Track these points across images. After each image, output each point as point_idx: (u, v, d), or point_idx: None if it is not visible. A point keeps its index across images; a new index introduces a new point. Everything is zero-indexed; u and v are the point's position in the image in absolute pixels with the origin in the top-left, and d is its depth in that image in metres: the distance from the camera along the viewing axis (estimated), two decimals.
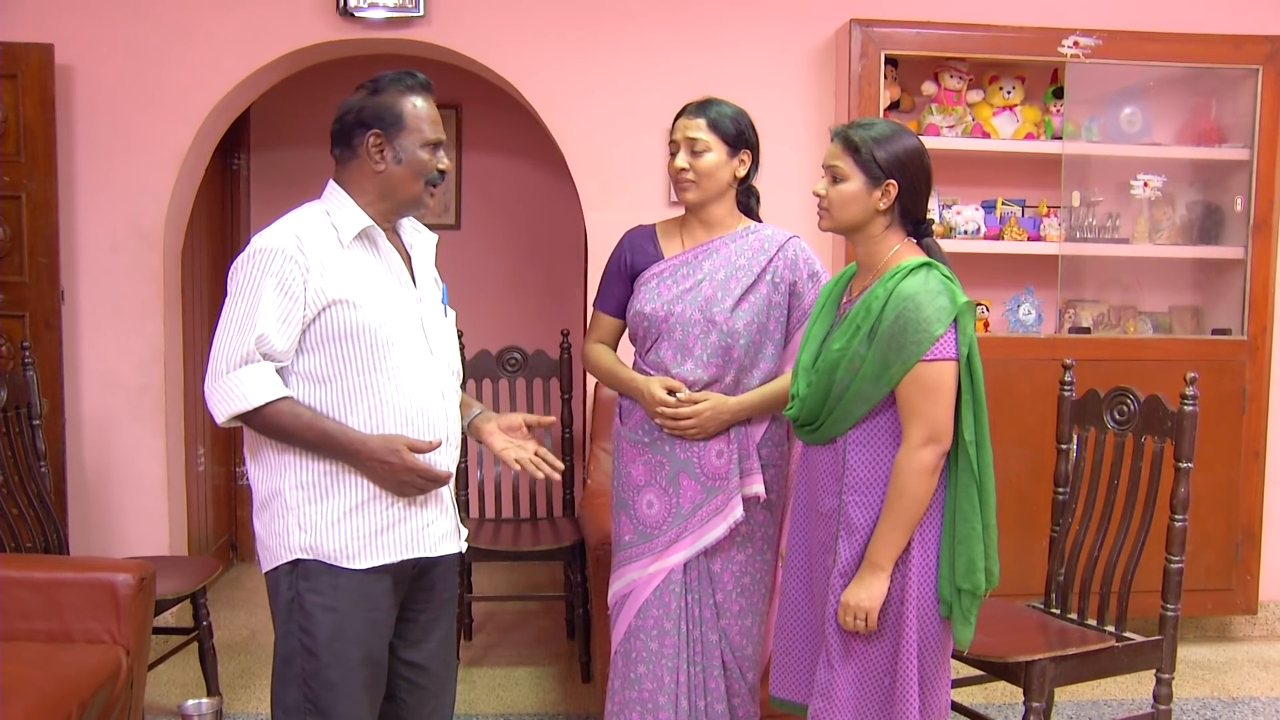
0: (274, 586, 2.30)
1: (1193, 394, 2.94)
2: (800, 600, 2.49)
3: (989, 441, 2.31)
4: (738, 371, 2.69)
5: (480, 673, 4.11)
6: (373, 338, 2.25)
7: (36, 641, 2.81)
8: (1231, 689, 4.06)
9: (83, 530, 4.21)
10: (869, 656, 2.33)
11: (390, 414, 2.28)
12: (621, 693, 2.75)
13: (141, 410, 4.27)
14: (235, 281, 2.22)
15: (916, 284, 2.24)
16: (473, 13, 4.26)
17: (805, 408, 2.39)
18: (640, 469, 2.75)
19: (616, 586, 2.79)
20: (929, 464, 2.24)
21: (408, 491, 2.27)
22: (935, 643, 2.32)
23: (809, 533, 2.46)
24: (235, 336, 2.19)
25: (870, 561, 2.27)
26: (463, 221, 5.67)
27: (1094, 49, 4.17)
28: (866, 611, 2.26)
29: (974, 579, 2.27)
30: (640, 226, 2.88)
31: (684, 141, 2.71)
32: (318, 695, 2.26)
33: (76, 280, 4.21)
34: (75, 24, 4.15)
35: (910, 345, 2.22)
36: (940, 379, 2.23)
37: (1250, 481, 4.35)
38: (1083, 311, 4.48)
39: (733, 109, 2.75)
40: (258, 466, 2.30)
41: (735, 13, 4.35)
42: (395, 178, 2.30)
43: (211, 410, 2.21)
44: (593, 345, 2.90)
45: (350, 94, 2.33)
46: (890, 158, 2.29)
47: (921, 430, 2.23)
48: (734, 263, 2.71)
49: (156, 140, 4.21)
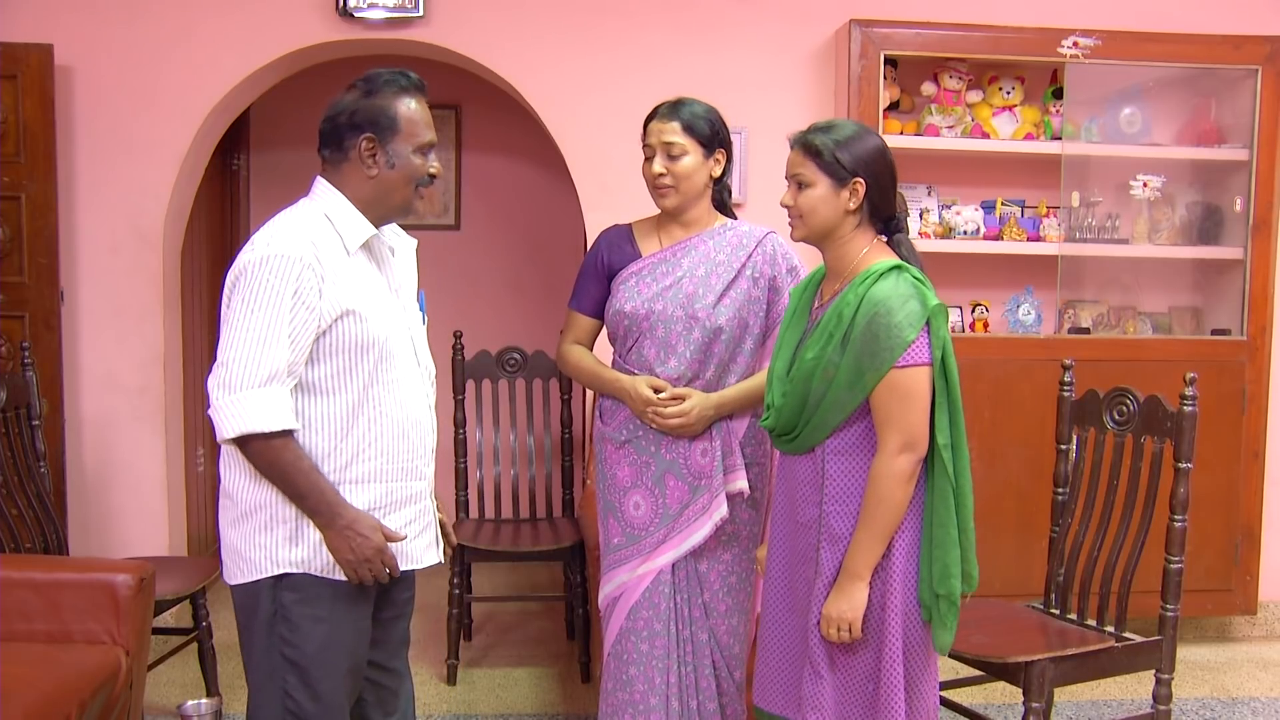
0: (250, 599, 2.23)
1: (1192, 394, 2.94)
2: (781, 611, 2.46)
3: (965, 445, 2.29)
4: (718, 367, 2.69)
5: (480, 673, 4.11)
6: (380, 350, 2.22)
7: (36, 642, 2.80)
8: (1231, 689, 4.06)
9: (82, 531, 4.21)
10: (853, 664, 2.31)
11: (389, 427, 2.25)
12: (614, 694, 2.75)
13: (141, 411, 4.27)
14: (251, 288, 2.11)
15: (887, 289, 2.22)
16: (472, 13, 4.26)
17: (781, 417, 2.36)
18: (626, 470, 2.75)
19: (606, 590, 2.79)
20: (905, 471, 2.21)
21: (361, 571, 2.18)
22: (920, 647, 2.30)
23: (789, 542, 2.43)
24: (260, 350, 2.08)
25: (849, 571, 2.25)
26: (462, 222, 5.67)
27: (1093, 49, 4.17)
28: (850, 622, 2.24)
29: (949, 584, 2.25)
30: (616, 226, 2.87)
31: (660, 146, 2.69)
32: (302, 708, 2.21)
33: (76, 281, 4.21)
34: (75, 25, 4.15)
35: (883, 352, 2.20)
36: (914, 385, 2.21)
37: (1250, 482, 4.35)
38: (1082, 312, 4.48)
39: (704, 108, 2.73)
40: (242, 474, 2.21)
41: (735, 13, 4.35)
42: (387, 182, 2.25)
43: (219, 423, 2.10)
44: (570, 346, 2.87)
45: (343, 93, 2.27)
46: (853, 156, 2.27)
47: (897, 437, 2.21)
48: (713, 259, 2.71)
49: (156, 140, 4.21)
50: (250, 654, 2.27)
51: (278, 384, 2.10)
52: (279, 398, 2.10)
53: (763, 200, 4.16)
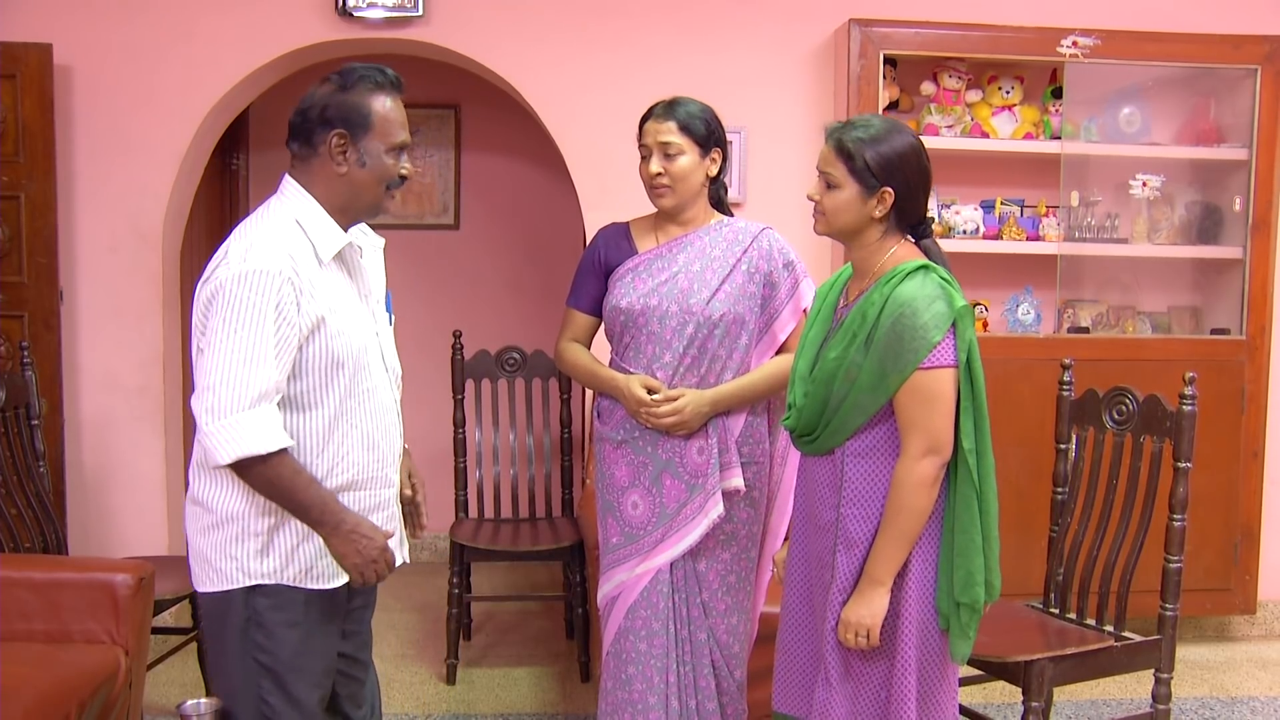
0: (221, 607, 2.19)
1: (1191, 394, 2.94)
2: (800, 613, 2.43)
3: (990, 450, 2.23)
4: (713, 362, 2.69)
5: (479, 673, 4.11)
6: (355, 363, 2.19)
7: (35, 642, 2.80)
8: (1230, 689, 4.06)
9: (82, 530, 4.21)
10: (867, 672, 2.26)
11: (359, 439, 2.22)
12: (613, 693, 2.75)
13: (140, 410, 4.27)
14: (231, 307, 2.04)
15: (913, 289, 2.17)
16: (471, 12, 4.26)
17: (802, 418, 2.32)
18: (624, 470, 2.75)
19: (605, 589, 2.79)
20: (929, 476, 2.17)
21: (367, 572, 2.15)
22: (936, 657, 2.25)
23: (808, 545, 2.40)
24: (246, 370, 2.02)
25: (870, 577, 2.21)
26: (461, 222, 5.66)
27: (1093, 49, 4.17)
28: (868, 628, 2.20)
29: (973, 592, 2.19)
30: (614, 224, 2.88)
31: (656, 146, 2.69)
32: (277, 714, 2.20)
33: (75, 280, 4.21)
34: (74, 24, 4.14)
35: (907, 353, 2.15)
36: (939, 387, 2.16)
37: (1249, 481, 4.34)
38: (1081, 311, 4.48)
39: (699, 107, 2.73)
40: (215, 484, 2.16)
41: (734, 13, 4.35)
42: (357, 181, 2.17)
43: (213, 449, 2.04)
44: (567, 344, 2.88)
45: (316, 85, 2.20)
46: (885, 165, 2.20)
47: (920, 441, 2.16)
48: (709, 255, 2.72)
49: (155, 140, 4.21)
50: (223, 661, 2.24)
51: (266, 403, 2.05)
52: (271, 417, 2.06)
53: (762, 199, 4.16)
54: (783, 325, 2.75)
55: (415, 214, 5.62)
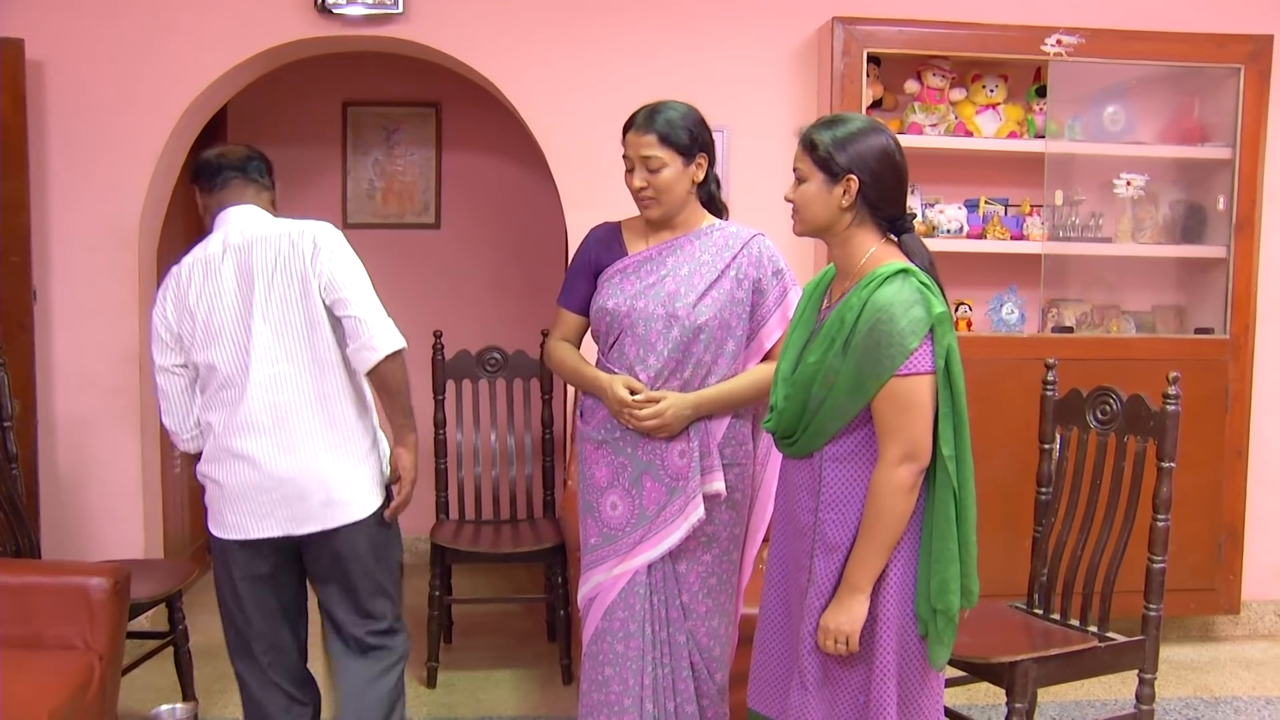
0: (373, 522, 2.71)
1: (1175, 393, 2.93)
2: (777, 614, 2.43)
3: (970, 456, 2.22)
4: (698, 367, 2.67)
5: (460, 675, 4.08)
6: None
7: (7, 647, 2.77)
8: (1214, 689, 4.06)
9: (55, 533, 4.15)
10: (846, 678, 2.25)
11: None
12: (590, 694, 2.74)
13: (116, 411, 4.21)
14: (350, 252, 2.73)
15: (890, 294, 2.15)
16: (452, 10, 4.23)
17: (783, 420, 2.31)
18: (604, 471, 2.74)
19: (584, 590, 2.78)
20: (906, 482, 2.15)
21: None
22: (916, 662, 2.24)
23: (787, 547, 2.40)
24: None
25: (849, 584, 2.20)
26: (442, 221, 5.63)
27: (1077, 47, 4.16)
28: (848, 635, 2.19)
29: (947, 600, 2.18)
30: (605, 224, 2.86)
31: (638, 160, 2.67)
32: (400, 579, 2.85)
33: (50, 280, 4.15)
34: (46, 19, 4.09)
35: (884, 360, 2.13)
36: (916, 395, 2.15)
37: (1233, 481, 4.35)
38: (1066, 311, 4.48)
39: (681, 112, 2.68)
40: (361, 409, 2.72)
41: (717, 11, 4.33)
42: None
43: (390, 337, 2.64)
44: (556, 342, 2.89)
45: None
46: (848, 153, 2.21)
47: (898, 447, 2.15)
48: (698, 259, 2.70)
49: (131, 138, 4.16)
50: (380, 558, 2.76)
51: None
52: None
53: (745, 199, 4.13)
54: (769, 333, 2.73)
55: (396, 213, 5.58)
